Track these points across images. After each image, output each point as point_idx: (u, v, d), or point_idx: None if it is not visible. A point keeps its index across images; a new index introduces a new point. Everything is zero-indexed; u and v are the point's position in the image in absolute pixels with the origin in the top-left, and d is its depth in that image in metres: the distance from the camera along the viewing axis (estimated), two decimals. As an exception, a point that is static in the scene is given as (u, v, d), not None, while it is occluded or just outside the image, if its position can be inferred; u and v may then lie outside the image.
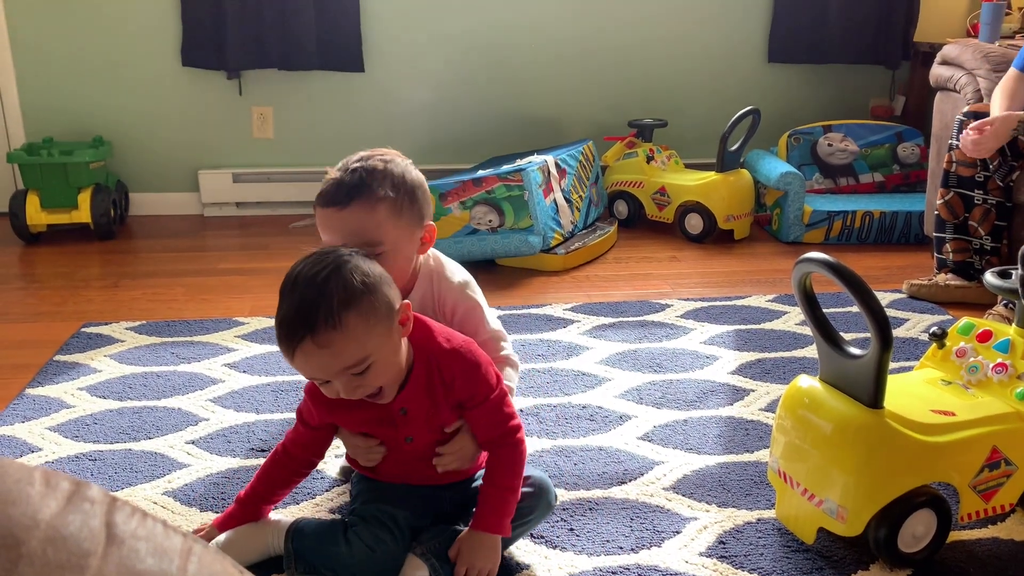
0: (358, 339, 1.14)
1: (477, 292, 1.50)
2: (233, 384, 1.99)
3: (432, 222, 1.45)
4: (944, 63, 2.87)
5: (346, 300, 1.13)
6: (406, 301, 1.22)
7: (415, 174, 1.43)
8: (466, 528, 1.30)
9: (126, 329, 2.32)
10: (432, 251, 1.49)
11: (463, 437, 1.31)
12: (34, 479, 0.33)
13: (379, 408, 1.25)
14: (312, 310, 1.12)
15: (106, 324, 2.35)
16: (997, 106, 2.39)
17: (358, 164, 1.38)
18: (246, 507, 1.36)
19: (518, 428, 1.30)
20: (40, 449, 1.70)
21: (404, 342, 1.24)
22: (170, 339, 2.25)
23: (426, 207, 1.42)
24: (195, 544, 0.39)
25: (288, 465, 1.37)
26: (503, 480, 1.28)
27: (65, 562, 0.31)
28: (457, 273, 1.49)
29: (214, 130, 3.55)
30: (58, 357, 2.14)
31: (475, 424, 1.30)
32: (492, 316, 1.52)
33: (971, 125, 2.34)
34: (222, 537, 1.34)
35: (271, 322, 2.35)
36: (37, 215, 3.12)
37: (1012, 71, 2.44)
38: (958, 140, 2.48)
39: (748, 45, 3.74)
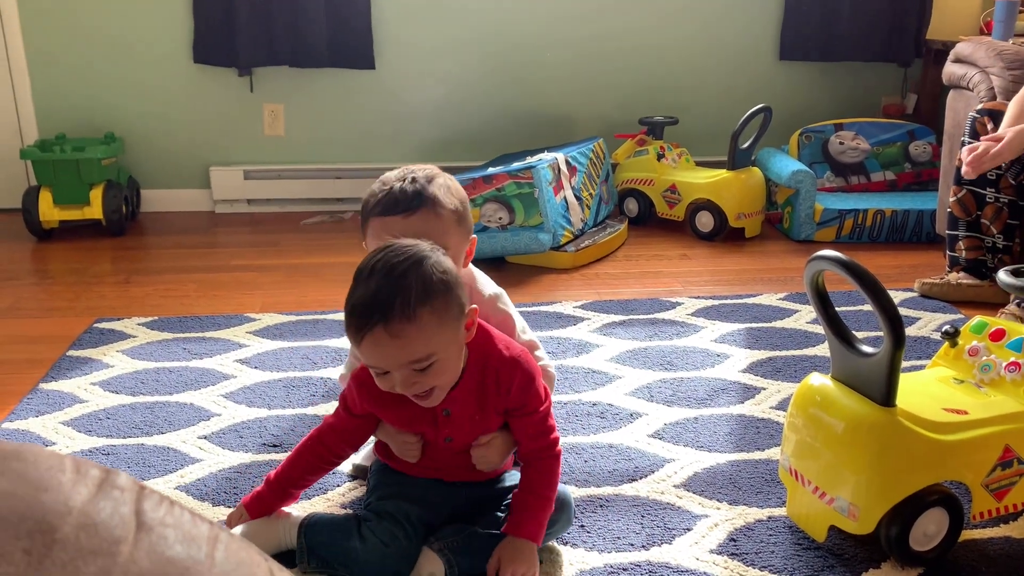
0: (429, 335, 1.15)
1: (509, 305, 1.50)
2: (245, 380, 2.00)
3: (474, 236, 1.46)
4: (957, 61, 2.85)
5: (424, 294, 1.14)
6: (474, 306, 1.24)
7: (461, 188, 1.44)
8: (484, 530, 1.31)
9: (138, 325, 2.34)
10: (467, 270, 1.48)
11: (503, 434, 1.32)
12: (65, 466, 0.33)
13: (423, 407, 1.25)
14: (389, 299, 1.13)
15: (118, 320, 2.37)
16: (1011, 116, 2.36)
17: (416, 175, 1.38)
18: (275, 489, 1.36)
19: (557, 441, 1.32)
20: (54, 443, 1.72)
21: (464, 347, 1.25)
22: (182, 335, 2.26)
23: (471, 220, 1.44)
24: (221, 532, 0.40)
25: (320, 452, 1.36)
26: (542, 490, 1.29)
27: (97, 548, 0.31)
28: (488, 286, 1.49)
29: (225, 127, 3.57)
30: (71, 352, 2.15)
31: (520, 432, 1.31)
32: (524, 326, 1.53)
33: (983, 139, 2.31)
34: (236, 530, 1.34)
35: (283, 318, 2.37)
36: (50, 211, 3.14)
37: None
38: (970, 139, 2.47)
39: (759, 42, 3.73)
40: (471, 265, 1.48)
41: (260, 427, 1.78)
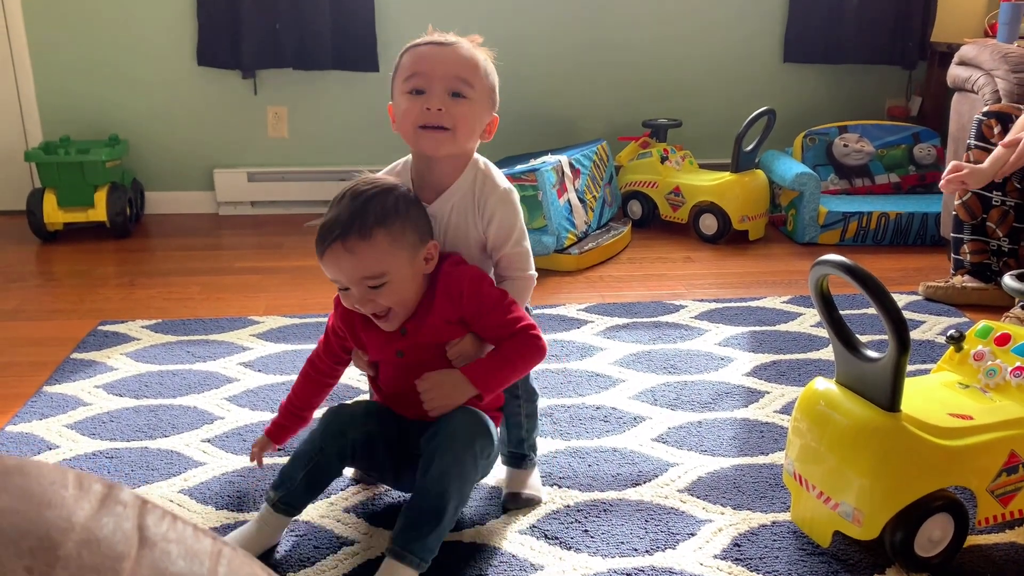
0: (381, 254, 1.28)
1: (518, 203, 1.46)
2: (248, 383, 2.00)
3: (496, 115, 1.47)
4: (962, 64, 2.85)
5: (381, 216, 1.29)
6: (434, 241, 1.35)
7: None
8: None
9: (142, 327, 2.34)
10: (483, 159, 1.48)
11: (468, 337, 1.38)
12: (67, 481, 0.33)
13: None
14: (350, 219, 1.28)
15: (122, 322, 2.37)
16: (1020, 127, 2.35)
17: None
18: (288, 415, 1.51)
19: (532, 326, 1.36)
20: (58, 446, 1.72)
21: (423, 279, 1.35)
22: (186, 337, 2.26)
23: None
24: (224, 547, 0.40)
25: (317, 377, 1.50)
26: (508, 351, 1.35)
27: (100, 565, 0.31)
28: (503, 181, 1.46)
29: (229, 129, 3.57)
30: (75, 355, 2.15)
31: (488, 332, 1.37)
32: (526, 233, 1.48)
33: (1001, 144, 2.30)
34: (232, 536, 1.35)
35: (286, 321, 2.37)
36: (54, 213, 3.14)
37: None
38: (976, 141, 2.47)
39: (763, 45, 3.72)
40: (488, 161, 1.47)
41: (263, 430, 1.78)
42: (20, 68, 3.42)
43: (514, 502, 1.50)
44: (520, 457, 1.54)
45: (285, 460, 1.41)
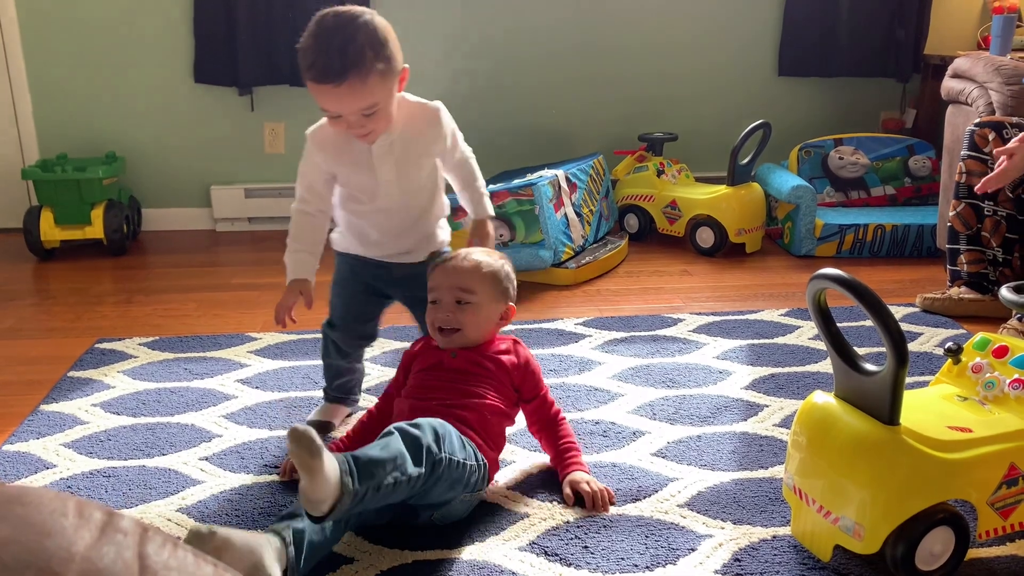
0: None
1: (449, 117, 1.74)
2: (246, 400, 2.00)
3: (406, 66, 1.63)
4: (955, 76, 2.87)
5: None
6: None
7: (384, 32, 1.55)
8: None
9: (139, 345, 2.33)
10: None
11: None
12: (68, 510, 0.33)
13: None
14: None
15: (119, 340, 2.37)
16: None
17: (344, 41, 1.49)
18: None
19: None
20: (55, 466, 1.71)
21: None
22: (183, 355, 2.26)
23: (397, 62, 1.57)
24: (225, 573, 0.39)
25: (374, 427, 1.62)
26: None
27: (101, 595, 0.31)
28: (429, 102, 1.71)
29: (226, 146, 3.58)
30: (72, 373, 2.15)
31: (524, 389, 1.62)
32: (461, 139, 1.79)
33: (997, 151, 2.29)
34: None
35: (284, 337, 2.36)
36: (51, 231, 3.14)
37: None
38: (969, 151, 2.48)
39: (758, 58, 3.74)
40: (407, 94, 1.66)
41: (262, 448, 1.77)
42: (17, 86, 3.43)
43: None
44: None
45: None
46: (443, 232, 1.80)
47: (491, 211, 1.80)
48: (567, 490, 1.55)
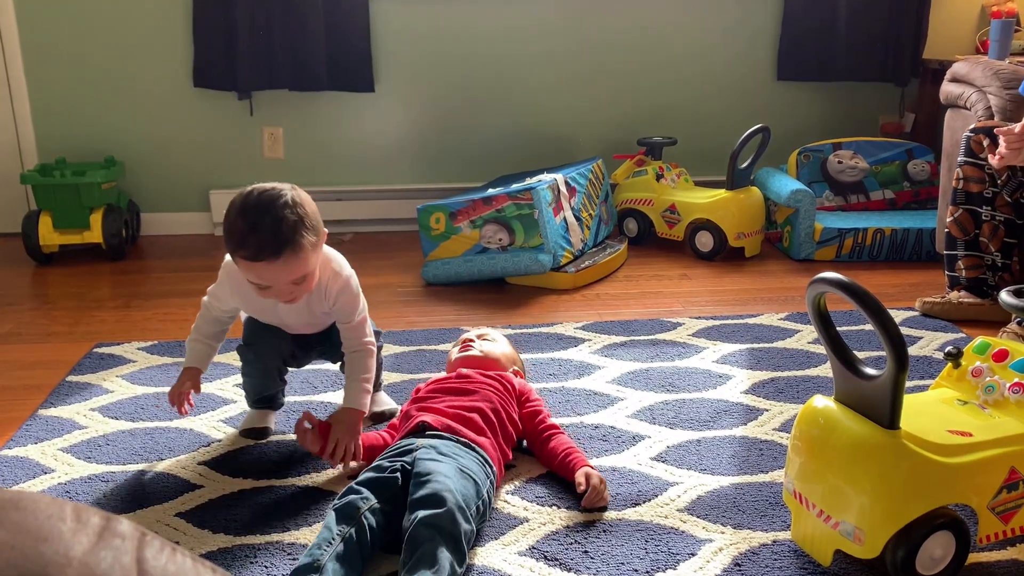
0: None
1: (358, 287, 1.74)
2: (244, 405, 1.99)
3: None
4: (954, 80, 2.87)
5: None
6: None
7: (309, 204, 1.59)
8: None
9: (138, 349, 2.33)
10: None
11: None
12: (65, 515, 0.33)
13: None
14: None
15: (118, 344, 2.36)
16: None
17: (275, 219, 1.52)
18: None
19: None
20: (53, 471, 1.70)
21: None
22: (181, 359, 2.23)
23: (321, 227, 1.60)
24: (224, 578, 0.39)
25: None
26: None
27: (98, 600, 0.31)
28: (345, 267, 1.72)
29: (225, 150, 3.58)
30: (70, 378, 2.14)
31: (523, 405, 1.73)
32: (365, 308, 1.76)
33: (1001, 129, 2.29)
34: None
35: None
36: (50, 235, 3.14)
37: None
38: (966, 157, 2.48)
39: (757, 63, 3.75)
40: (325, 247, 1.67)
41: (260, 453, 1.77)
42: (16, 90, 3.42)
43: (382, 417, 1.86)
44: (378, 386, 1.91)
45: (285, 481, 1.39)
46: None
47: (366, 407, 1.70)
48: (580, 478, 1.57)
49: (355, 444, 1.63)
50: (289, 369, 1.88)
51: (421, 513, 1.30)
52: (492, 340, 1.90)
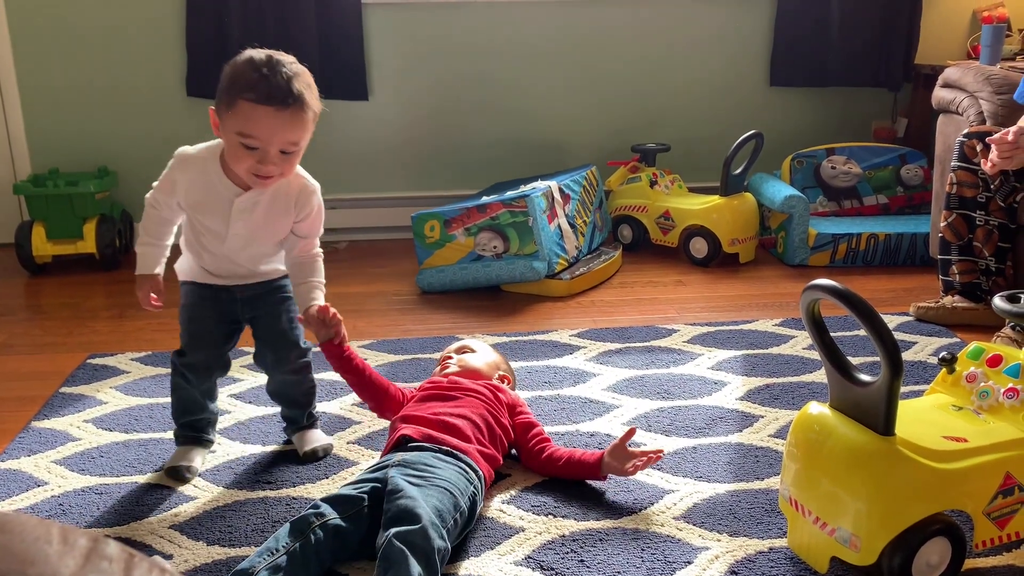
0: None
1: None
2: (239, 415, 1.99)
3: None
4: (946, 86, 2.88)
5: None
6: (503, 374, 1.78)
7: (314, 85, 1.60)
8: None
9: (132, 360, 2.32)
10: None
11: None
12: (52, 537, 0.32)
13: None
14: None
15: (112, 355, 2.35)
16: None
17: (289, 72, 1.53)
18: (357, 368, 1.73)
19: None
20: (46, 483, 1.70)
21: None
22: (176, 369, 2.24)
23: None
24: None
25: (385, 392, 1.75)
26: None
27: (84, 624, 0.30)
28: (310, 178, 1.70)
29: (219, 159, 3.57)
30: (64, 389, 2.13)
31: (515, 415, 1.72)
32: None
33: (993, 138, 2.30)
34: None
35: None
36: (43, 246, 3.13)
37: None
38: (959, 162, 2.48)
39: (750, 69, 3.76)
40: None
41: (255, 464, 1.76)
42: (8, 100, 3.42)
43: (316, 454, 1.77)
44: (312, 422, 1.84)
45: (279, 493, 1.39)
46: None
47: (311, 300, 1.69)
48: (614, 460, 1.60)
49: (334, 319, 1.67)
50: (217, 402, 1.82)
51: (394, 529, 1.28)
52: (472, 351, 1.89)
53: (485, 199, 2.97)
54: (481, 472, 1.53)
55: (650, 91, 3.71)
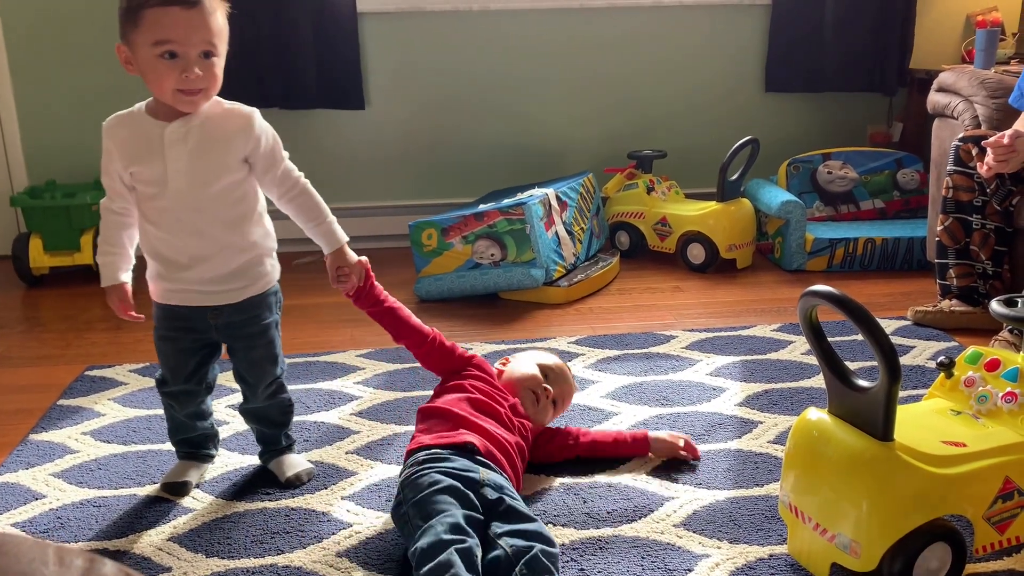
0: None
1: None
2: (238, 425, 1.98)
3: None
4: (941, 90, 2.88)
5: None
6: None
7: None
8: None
9: (129, 372, 2.32)
10: None
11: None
12: (48, 558, 0.32)
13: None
14: None
15: (109, 367, 2.35)
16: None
17: None
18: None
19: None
20: (44, 496, 1.69)
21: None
22: (174, 381, 2.24)
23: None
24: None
25: (427, 342, 1.77)
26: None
27: (81, 646, 0.30)
28: (244, 105, 1.61)
29: (216, 169, 3.57)
30: (62, 401, 2.13)
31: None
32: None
33: (989, 141, 2.31)
34: None
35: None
36: (40, 258, 3.13)
37: None
38: (955, 166, 2.49)
39: (745, 75, 3.76)
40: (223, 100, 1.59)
41: (253, 474, 1.76)
42: (5, 112, 3.42)
43: (300, 479, 1.71)
44: (290, 444, 1.78)
45: (278, 503, 1.38)
46: (269, 269, 1.68)
47: (344, 236, 1.67)
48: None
49: (360, 266, 1.68)
50: (213, 415, 1.78)
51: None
52: (567, 388, 1.85)
53: (482, 207, 2.97)
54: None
55: (646, 98, 3.72)
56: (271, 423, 1.75)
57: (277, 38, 3.36)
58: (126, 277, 1.63)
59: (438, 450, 1.49)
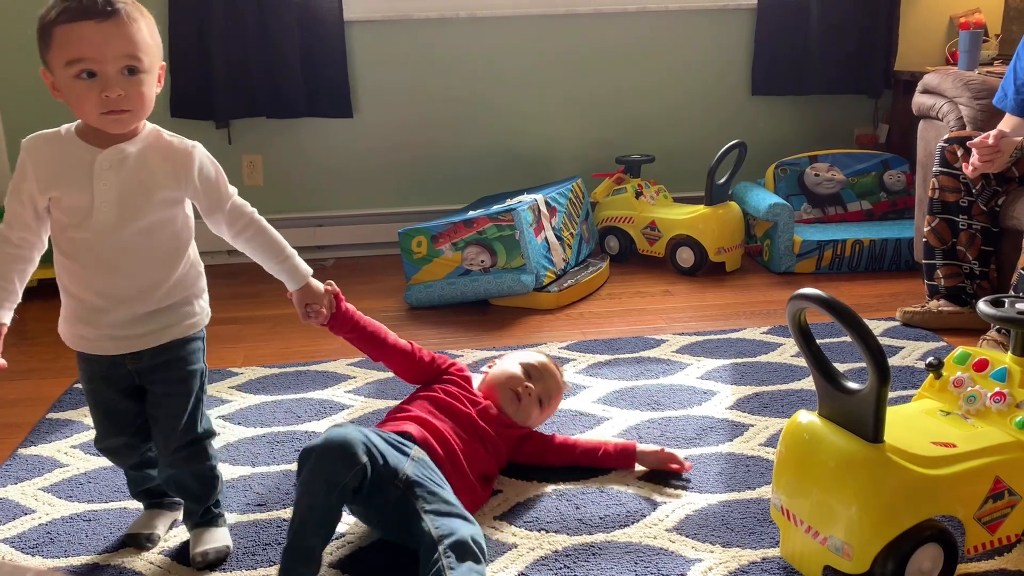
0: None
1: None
2: (228, 436, 1.97)
3: (162, 63, 1.41)
4: (926, 92, 2.90)
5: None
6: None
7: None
8: None
9: (119, 383, 2.30)
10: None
11: None
12: (30, 580, 0.32)
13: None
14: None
15: (99, 379, 2.33)
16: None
17: None
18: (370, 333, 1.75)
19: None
20: (34, 511, 1.68)
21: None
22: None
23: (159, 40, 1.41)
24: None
25: (410, 357, 1.80)
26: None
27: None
28: (184, 138, 1.48)
29: (204, 179, 3.55)
30: (51, 415, 2.12)
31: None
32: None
33: (974, 142, 2.33)
34: None
35: (265, 371, 2.34)
36: (27, 270, 3.10)
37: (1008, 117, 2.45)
38: (940, 167, 2.50)
39: (731, 79, 3.78)
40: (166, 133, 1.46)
41: (245, 486, 1.75)
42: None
43: (206, 557, 1.48)
44: (211, 519, 1.55)
45: (271, 515, 1.38)
46: (198, 311, 1.51)
47: (308, 269, 1.59)
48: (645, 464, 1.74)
49: (329, 295, 1.64)
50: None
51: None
52: (555, 389, 1.83)
53: (472, 213, 2.97)
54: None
55: (633, 102, 3.73)
56: (189, 494, 1.52)
57: (264, 47, 3.36)
58: (6, 317, 1.43)
59: (377, 431, 1.51)
